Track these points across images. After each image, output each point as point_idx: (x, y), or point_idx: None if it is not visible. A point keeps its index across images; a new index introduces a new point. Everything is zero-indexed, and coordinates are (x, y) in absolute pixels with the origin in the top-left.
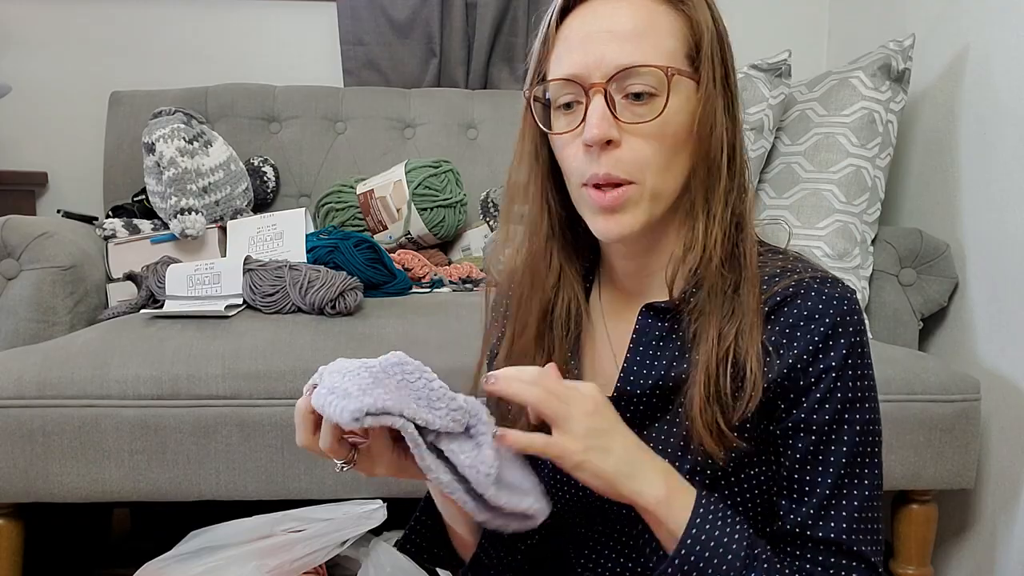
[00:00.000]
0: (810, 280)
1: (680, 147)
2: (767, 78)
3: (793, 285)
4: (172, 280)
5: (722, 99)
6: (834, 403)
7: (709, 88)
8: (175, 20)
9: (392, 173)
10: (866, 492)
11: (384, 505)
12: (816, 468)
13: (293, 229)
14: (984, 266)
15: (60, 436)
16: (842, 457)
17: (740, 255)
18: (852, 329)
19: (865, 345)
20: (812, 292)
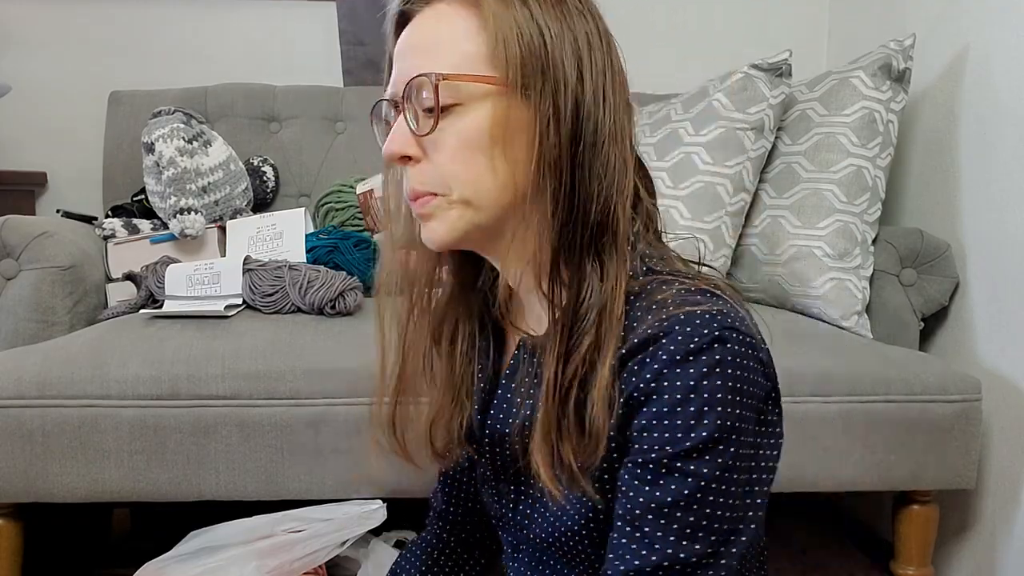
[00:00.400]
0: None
1: (483, 155)
2: (767, 78)
3: (655, 326)
4: (171, 280)
5: (541, 107)
6: (674, 433)
7: (510, 91)
8: (175, 20)
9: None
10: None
11: (384, 505)
12: (658, 519)
13: (293, 229)
14: (984, 266)
15: (60, 436)
16: (664, 503)
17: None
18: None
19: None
20: (674, 330)
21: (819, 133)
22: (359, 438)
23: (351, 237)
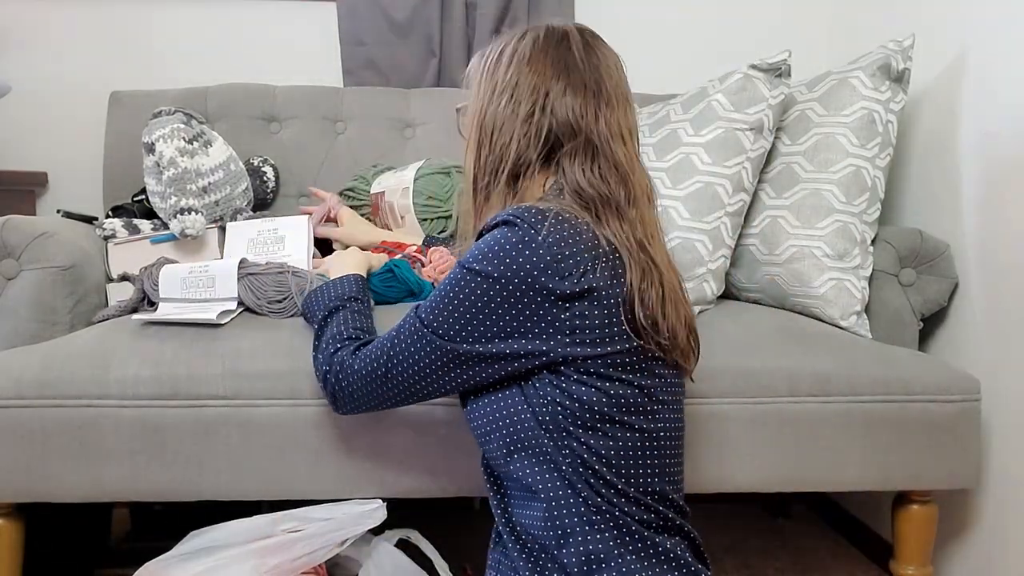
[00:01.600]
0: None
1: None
2: (767, 78)
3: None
4: (166, 282)
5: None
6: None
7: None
8: (175, 20)
9: (405, 175)
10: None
11: (384, 505)
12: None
13: (296, 235)
14: (984, 266)
15: (60, 436)
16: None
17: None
18: (482, 241)
19: (482, 252)
20: (491, 219)
21: (818, 133)
22: (359, 438)
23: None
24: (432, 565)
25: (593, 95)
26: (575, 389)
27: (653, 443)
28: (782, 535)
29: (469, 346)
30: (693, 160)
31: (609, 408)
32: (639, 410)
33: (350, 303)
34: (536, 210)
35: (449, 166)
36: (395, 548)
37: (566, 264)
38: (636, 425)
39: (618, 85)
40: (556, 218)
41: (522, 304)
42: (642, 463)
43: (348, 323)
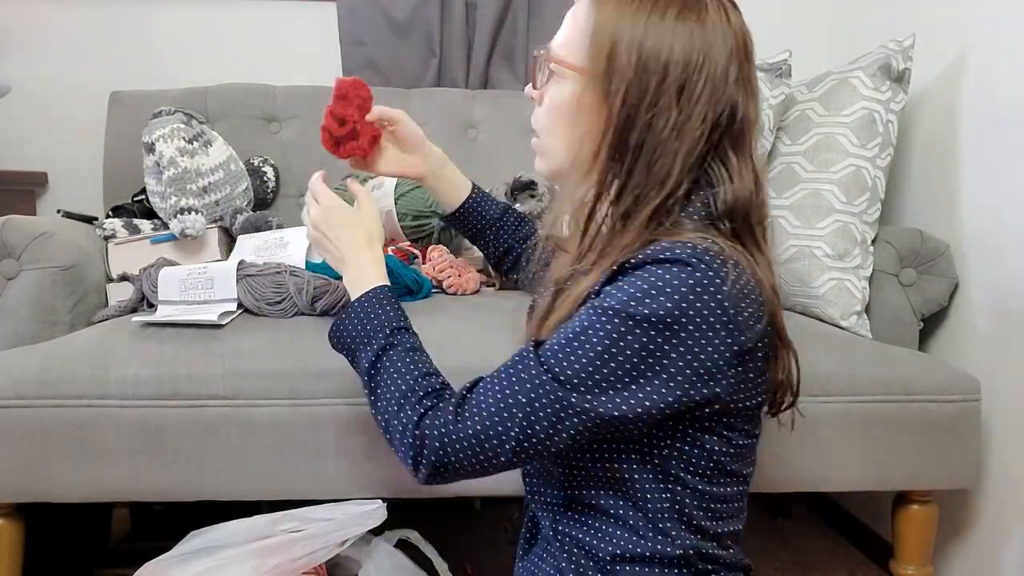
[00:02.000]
0: (659, 247)
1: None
2: (767, 78)
3: (642, 254)
4: (165, 284)
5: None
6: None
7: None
8: (175, 20)
9: (383, 194)
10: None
11: (384, 505)
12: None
13: (298, 241)
14: (984, 266)
15: (60, 436)
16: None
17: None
18: (646, 271)
19: (659, 299)
20: (654, 249)
21: (819, 133)
22: (359, 438)
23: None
24: (432, 565)
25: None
26: (701, 436)
27: (746, 488)
28: (782, 535)
29: (626, 408)
30: None
31: (728, 458)
32: (748, 459)
33: (401, 337)
34: (714, 253)
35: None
36: (395, 548)
37: (743, 318)
38: (742, 473)
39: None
40: (736, 266)
41: (691, 355)
42: (737, 508)
43: (418, 370)
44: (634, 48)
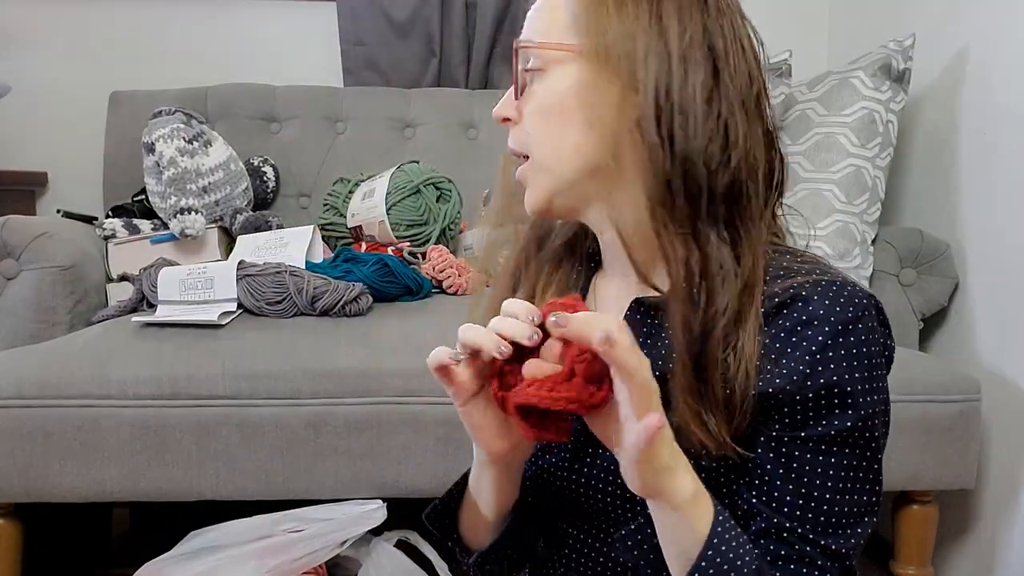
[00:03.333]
0: (816, 281)
1: (562, 120)
2: (767, 78)
3: (795, 286)
4: (164, 284)
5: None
6: (836, 417)
7: (589, 59)
8: (175, 20)
9: (374, 203)
10: (873, 517)
11: (384, 505)
12: (813, 481)
13: (298, 239)
14: (984, 266)
15: (60, 436)
16: (840, 471)
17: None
18: (861, 337)
19: (873, 354)
20: (816, 294)
21: (819, 133)
22: (359, 438)
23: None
24: (432, 565)
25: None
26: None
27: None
28: None
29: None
30: None
31: None
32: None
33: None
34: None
35: (418, 182)
36: (395, 548)
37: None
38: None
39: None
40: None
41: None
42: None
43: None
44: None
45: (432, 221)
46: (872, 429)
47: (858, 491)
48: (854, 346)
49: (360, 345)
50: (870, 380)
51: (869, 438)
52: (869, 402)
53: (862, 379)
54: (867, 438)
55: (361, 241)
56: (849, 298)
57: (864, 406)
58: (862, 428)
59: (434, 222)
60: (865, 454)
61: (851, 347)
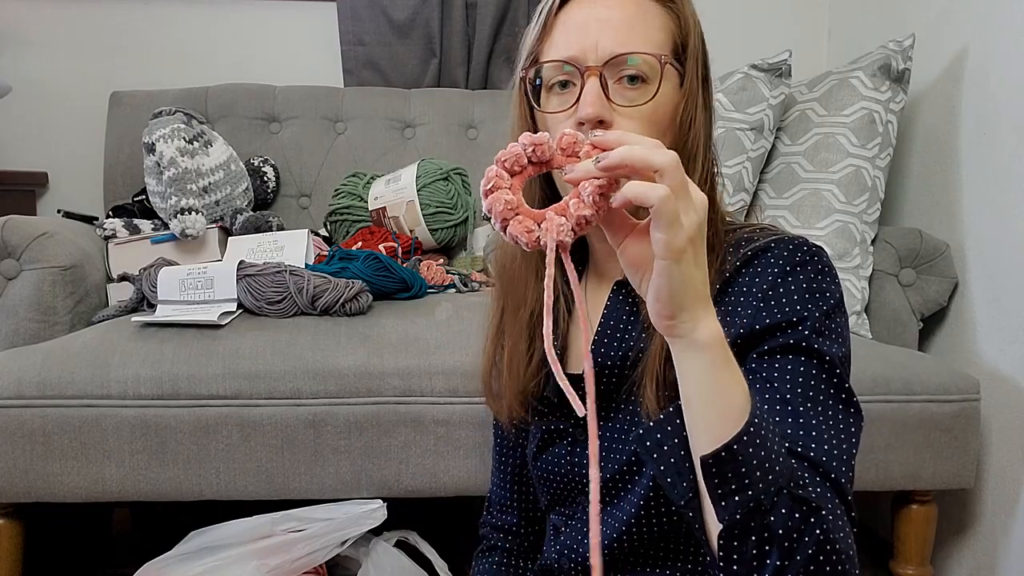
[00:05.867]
0: (767, 242)
1: (663, 133)
2: (767, 78)
3: (752, 250)
4: (164, 284)
5: (702, 94)
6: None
7: (692, 82)
8: (175, 20)
9: (402, 186)
10: (853, 436)
11: (384, 505)
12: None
13: (295, 245)
14: (984, 266)
15: (60, 436)
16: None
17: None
18: (810, 276)
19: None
20: (768, 250)
21: (818, 133)
22: (359, 438)
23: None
24: (432, 565)
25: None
26: None
27: None
28: None
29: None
30: None
31: None
32: None
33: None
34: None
35: (446, 169)
36: (395, 548)
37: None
38: None
39: None
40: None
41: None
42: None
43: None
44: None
45: (461, 207)
46: (828, 346)
47: (831, 407)
48: (803, 282)
49: (360, 345)
50: (819, 307)
51: (828, 357)
52: (822, 324)
53: (814, 307)
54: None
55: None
56: (797, 247)
57: (816, 327)
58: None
59: (463, 208)
60: (824, 366)
61: (800, 283)
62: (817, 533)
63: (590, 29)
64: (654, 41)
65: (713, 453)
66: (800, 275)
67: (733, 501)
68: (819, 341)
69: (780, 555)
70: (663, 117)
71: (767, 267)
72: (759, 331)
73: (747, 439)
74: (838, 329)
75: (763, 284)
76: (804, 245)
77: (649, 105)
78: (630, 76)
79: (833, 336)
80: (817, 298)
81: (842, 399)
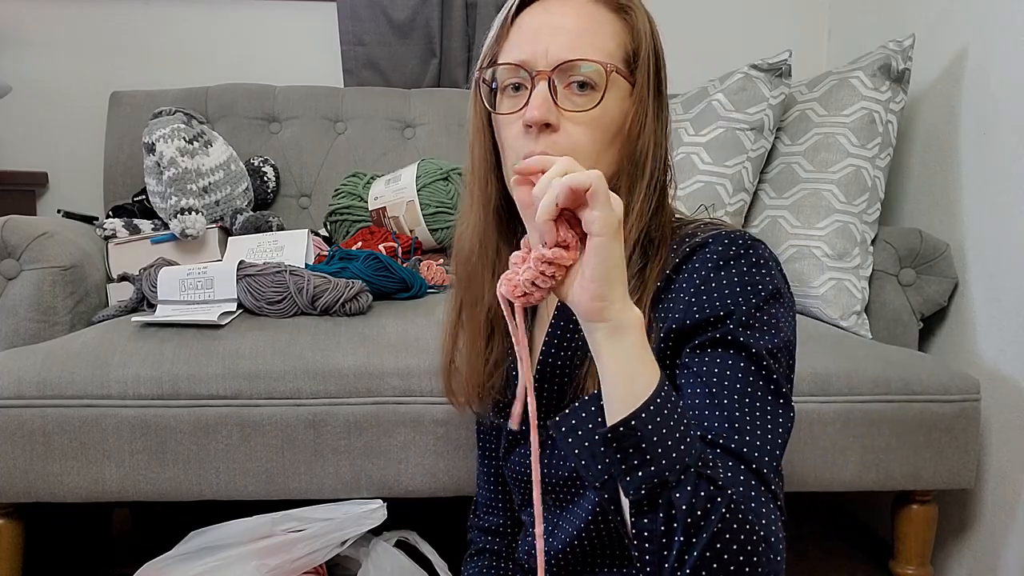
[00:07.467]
0: (706, 237)
1: (611, 141)
2: (767, 78)
3: (694, 244)
4: (164, 284)
5: (652, 104)
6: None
7: (642, 92)
8: (175, 20)
9: (402, 186)
10: (780, 429)
11: (384, 505)
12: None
13: (295, 245)
14: (984, 266)
15: (60, 436)
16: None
17: (653, 239)
18: (742, 270)
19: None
20: (707, 244)
21: (818, 133)
22: (359, 438)
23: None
24: (432, 565)
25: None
26: None
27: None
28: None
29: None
30: (693, 160)
31: None
32: None
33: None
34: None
35: (446, 169)
36: (395, 548)
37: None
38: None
39: None
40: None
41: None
42: None
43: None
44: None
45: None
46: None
47: (757, 398)
48: (735, 275)
49: (360, 345)
50: (749, 300)
51: (754, 351)
52: (751, 316)
53: (744, 300)
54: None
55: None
56: (732, 240)
57: (744, 321)
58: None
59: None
60: (751, 360)
61: (732, 276)
62: (724, 512)
63: (542, 35)
64: (604, 50)
65: (612, 427)
66: (733, 268)
67: (636, 476)
68: (745, 335)
69: (684, 531)
70: (610, 124)
71: (704, 262)
72: (690, 326)
73: (646, 416)
74: (771, 320)
75: (696, 279)
76: (740, 239)
77: (596, 111)
78: (579, 83)
79: (764, 328)
80: (749, 291)
81: (770, 390)
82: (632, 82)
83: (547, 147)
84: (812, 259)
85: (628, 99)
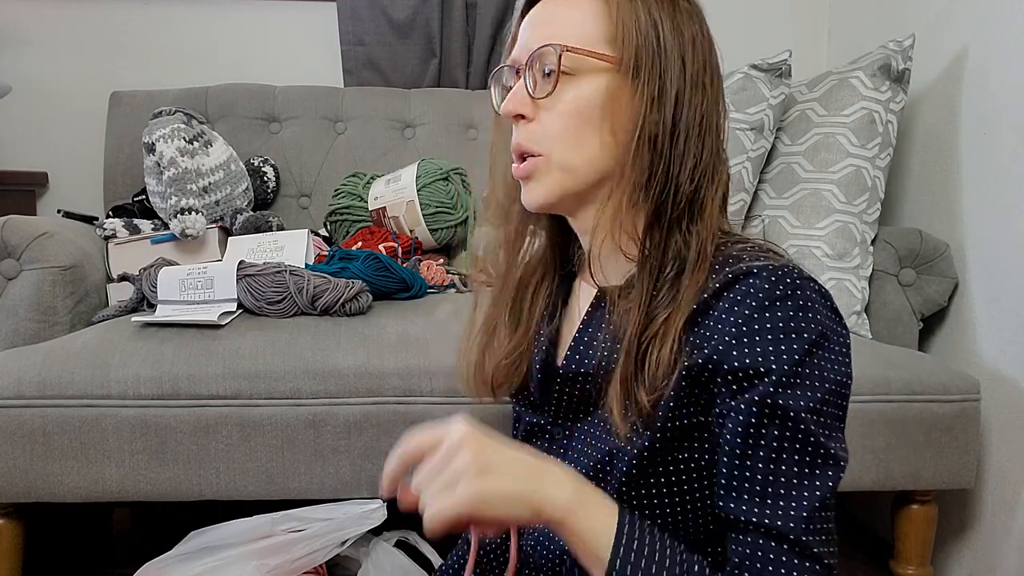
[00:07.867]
0: (752, 266)
1: (590, 125)
2: (767, 78)
3: (736, 271)
4: (164, 284)
5: (647, 89)
6: (752, 390)
7: (622, 72)
8: (175, 20)
9: (402, 186)
10: (817, 490)
11: (384, 505)
12: (756, 454)
13: (295, 245)
14: (984, 266)
15: (60, 436)
16: (784, 442)
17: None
18: (788, 314)
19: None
20: (752, 276)
21: (818, 133)
22: (359, 438)
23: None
24: (431, 565)
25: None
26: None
27: None
28: None
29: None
30: None
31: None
32: None
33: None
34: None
35: (446, 169)
36: (395, 548)
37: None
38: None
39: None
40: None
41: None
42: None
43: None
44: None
45: (461, 207)
46: (796, 399)
47: (794, 463)
48: (780, 320)
49: (360, 345)
50: (792, 351)
51: (792, 413)
52: (791, 373)
53: (787, 354)
54: (789, 411)
55: (379, 228)
56: (780, 278)
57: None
58: (784, 398)
59: (463, 209)
60: (787, 424)
61: (776, 321)
62: None
63: (527, 30)
64: (574, 34)
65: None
66: (778, 311)
67: None
68: (784, 395)
69: None
70: (582, 108)
71: (745, 296)
72: (725, 370)
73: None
74: (814, 372)
75: (736, 318)
76: (787, 276)
77: (554, 97)
78: (546, 70)
79: (806, 383)
80: (792, 340)
81: (807, 452)
82: (618, 61)
83: (522, 137)
84: (812, 259)
85: (620, 84)
